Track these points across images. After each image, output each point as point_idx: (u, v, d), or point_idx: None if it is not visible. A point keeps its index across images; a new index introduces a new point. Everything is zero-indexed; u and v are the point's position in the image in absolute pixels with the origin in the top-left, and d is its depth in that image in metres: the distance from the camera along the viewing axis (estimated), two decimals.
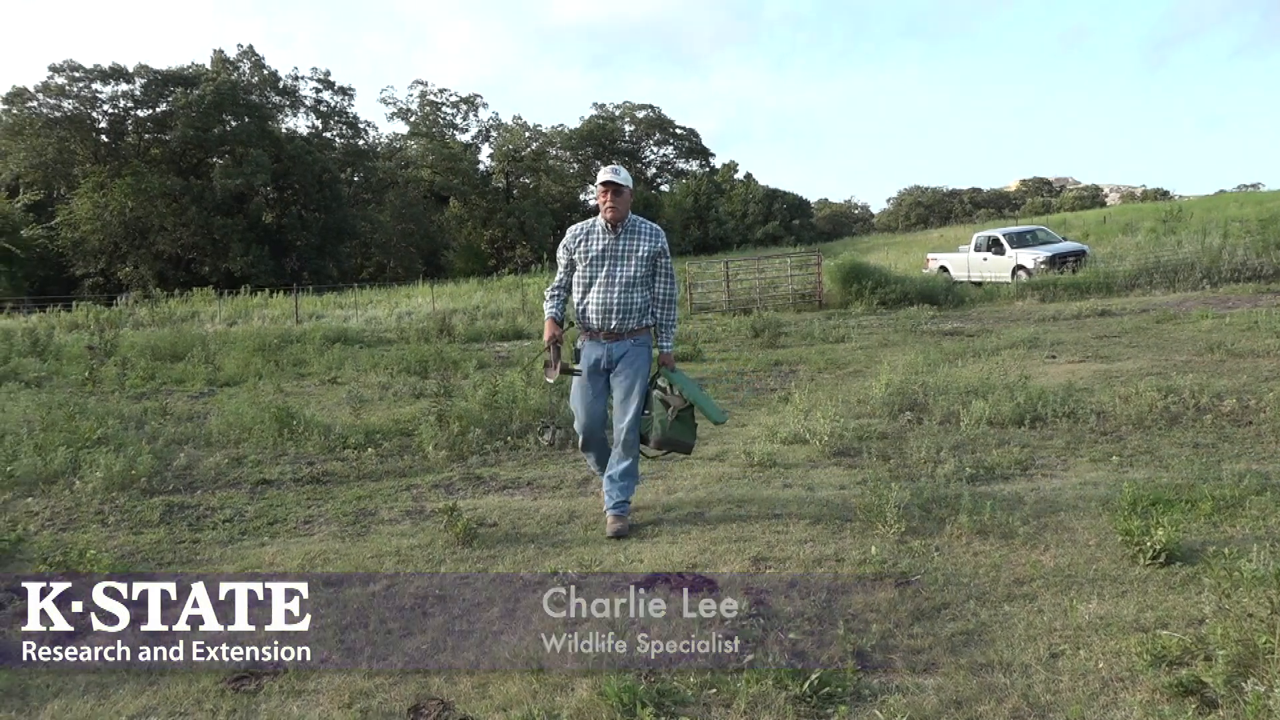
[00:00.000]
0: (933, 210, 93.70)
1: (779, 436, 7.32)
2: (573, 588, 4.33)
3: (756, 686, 3.22)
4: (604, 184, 5.06)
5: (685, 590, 4.25)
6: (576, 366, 5.32)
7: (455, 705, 3.27)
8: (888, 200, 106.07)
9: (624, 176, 5.10)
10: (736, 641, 3.64)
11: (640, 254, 5.12)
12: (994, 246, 25.57)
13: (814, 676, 3.23)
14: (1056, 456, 6.45)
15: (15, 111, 53.30)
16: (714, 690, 3.28)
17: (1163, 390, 7.84)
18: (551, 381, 5.45)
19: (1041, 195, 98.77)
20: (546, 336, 5.26)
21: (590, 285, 5.14)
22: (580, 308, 5.19)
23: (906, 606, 3.94)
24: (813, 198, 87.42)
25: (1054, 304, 19.63)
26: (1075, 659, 3.40)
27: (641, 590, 4.30)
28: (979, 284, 23.92)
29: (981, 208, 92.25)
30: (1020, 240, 25.69)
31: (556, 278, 5.34)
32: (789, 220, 70.16)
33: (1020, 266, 24.29)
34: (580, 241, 5.19)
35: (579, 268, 5.18)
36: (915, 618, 3.83)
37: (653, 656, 3.56)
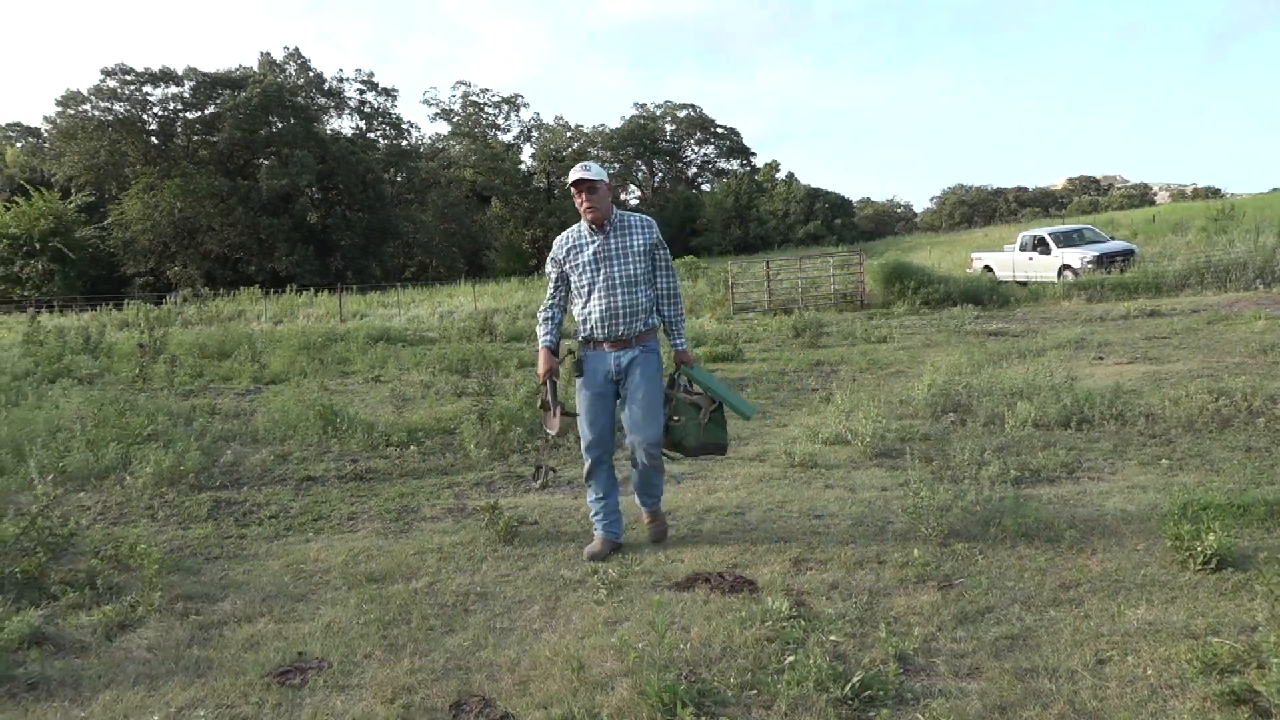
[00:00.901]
0: (977, 209, 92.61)
1: (820, 437, 7.28)
2: (613, 586, 4.35)
3: (797, 688, 3.20)
4: (575, 184, 4.69)
5: (726, 590, 4.24)
6: (572, 412, 5.06)
7: (496, 702, 3.29)
8: (931, 199, 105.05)
9: (596, 171, 4.71)
10: (777, 642, 3.63)
11: (635, 249, 4.77)
12: (1040, 246, 25.21)
13: (855, 679, 3.20)
14: (1104, 459, 6.35)
15: (69, 114, 54.42)
16: (754, 691, 3.27)
17: (1214, 392, 7.68)
18: (554, 433, 5.05)
19: (1089, 194, 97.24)
20: (541, 370, 4.88)
21: (590, 293, 4.77)
22: (582, 319, 4.83)
23: (950, 610, 3.90)
24: (855, 197, 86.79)
25: (1101, 304, 19.33)
26: (1123, 665, 3.34)
27: (682, 590, 4.30)
28: (1024, 284, 23.60)
29: (1027, 207, 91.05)
30: (1067, 239, 25.31)
31: (547, 297, 4.96)
32: (831, 220, 69.70)
33: (1066, 266, 23.93)
34: (569, 251, 4.83)
35: (573, 278, 4.84)
36: (959, 621, 3.79)
37: (693, 656, 3.55)
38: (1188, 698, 3.08)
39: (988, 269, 26.42)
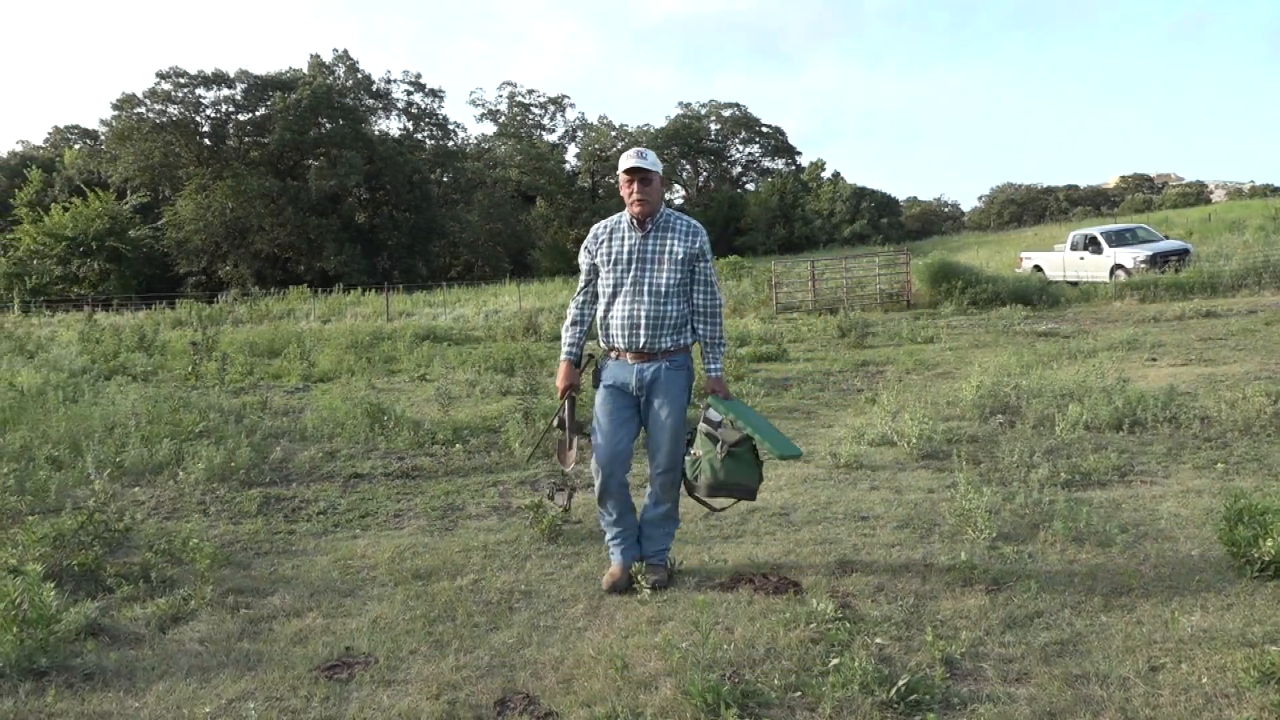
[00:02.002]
0: (1026, 208, 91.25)
1: (866, 438, 7.23)
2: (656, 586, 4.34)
3: (842, 691, 3.18)
4: (628, 171, 4.20)
5: (770, 591, 4.22)
6: (589, 432, 4.52)
7: (540, 700, 3.31)
8: (979, 198, 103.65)
9: (651, 160, 4.24)
10: (822, 644, 3.61)
11: (675, 256, 4.24)
12: (1091, 245, 24.79)
13: (901, 683, 3.17)
14: (1157, 463, 6.23)
15: (124, 116, 55.57)
16: (799, 693, 3.25)
17: (1272, 395, 7.50)
18: (569, 468, 4.58)
19: (1141, 192, 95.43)
20: (559, 384, 4.43)
21: (615, 294, 4.28)
22: (603, 322, 4.33)
23: (998, 614, 3.85)
24: (901, 196, 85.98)
25: (1155, 305, 18.96)
26: (1177, 673, 3.28)
27: (726, 590, 4.29)
28: (1075, 284, 23.22)
29: (1078, 205, 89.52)
30: (1119, 238, 24.86)
31: (577, 292, 4.47)
32: (877, 219, 69.10)
33: (1119, 266, 23.50)
34: (603, 242, 4.34)
35: (602, 273, 4.34)
36: (1007, 626, 3.74)
37: (737, 657, 3.54)
38: (1244, 707, 3.01)
39: (1037, 269, 26.03)
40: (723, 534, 5.16)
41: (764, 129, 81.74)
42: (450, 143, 69.06)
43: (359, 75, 62.87)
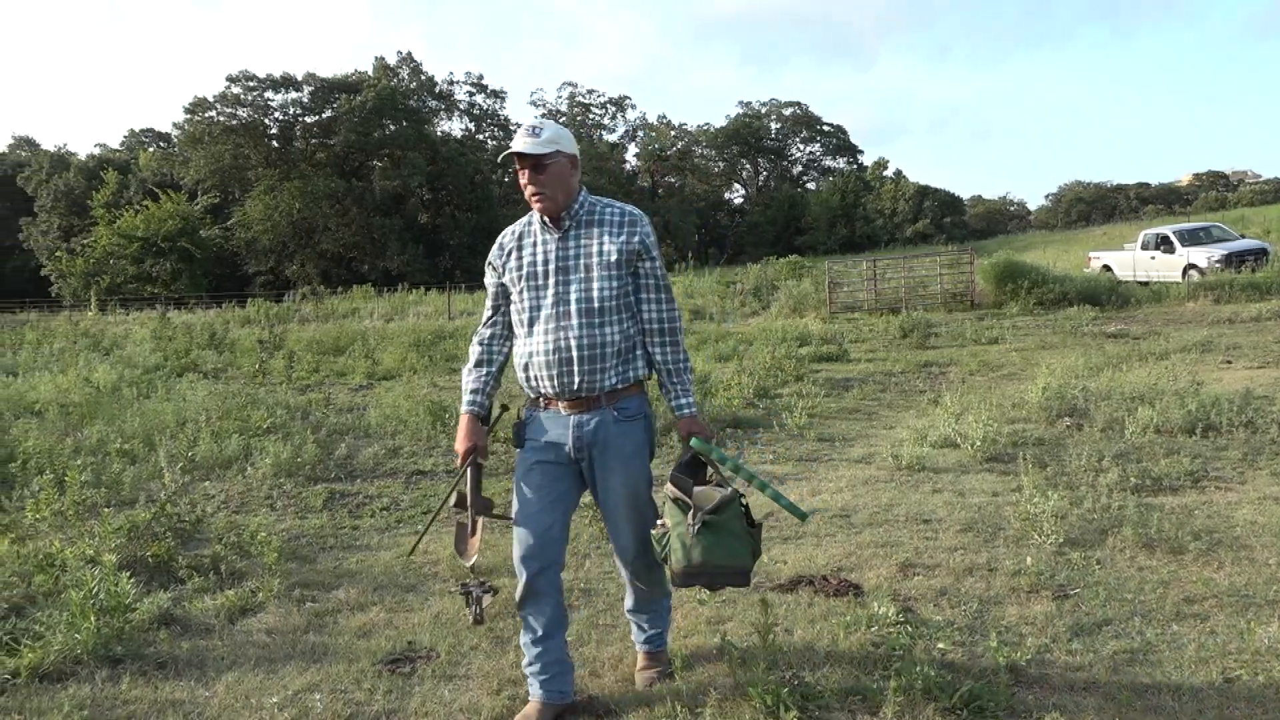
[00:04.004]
0: (1095, 206, 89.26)
1: (928, 440, 7.13)
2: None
3: (904, 696, 3.14)
4: (515, 155, 3.09)
5: (830, 593, 4.19)
6: (505, 512, 3.67)
7: (599, 697, 3.32)
8: (1046, 196, 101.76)
9: (547, 138, 3.07)
10: (883, 648, 3.57)
11: (606, 257, 3.10)
12: (1163, 244, 24.16)
13: (964, 689, 3.12)
14: (1232, 468, 6.05)
15: (196, 120, 57.01)
16: (859, 697, 3.22)
17: None
18: (468, 562, 3.53)
19: (1216, 190, 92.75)
20: (460, 446, 3.25)
21: (533, 320, 3.14)
22: (522, 362, 3.19)
23: (1064, 621, 3.77)
24: (965, 194, 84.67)
25: (1230, 305, 18.40)
26: (1252, 685, 3.18)
27: (785, 592, 4.27)
28: (1146, 284, 22.65)
29: (1149, 204, 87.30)
30: (1192, 237, 24.19)
31: (483, 322, 3.36)
32: (940, 218, 68.14)
33: (1192, 265, 22.87)
34: (511, 253, 3.23)
35: (513, 296, 3.22)
36: (1074, 633, 3.67)
37: (796, 659, 3.52)
38: None
39: (1106, 268, 25.44)
40: (782, 535, 5.13)
41: (825, 127, 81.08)
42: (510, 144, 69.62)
43: (422, 77, 63.75)
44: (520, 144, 3.06)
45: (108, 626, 3.81)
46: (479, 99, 67.00)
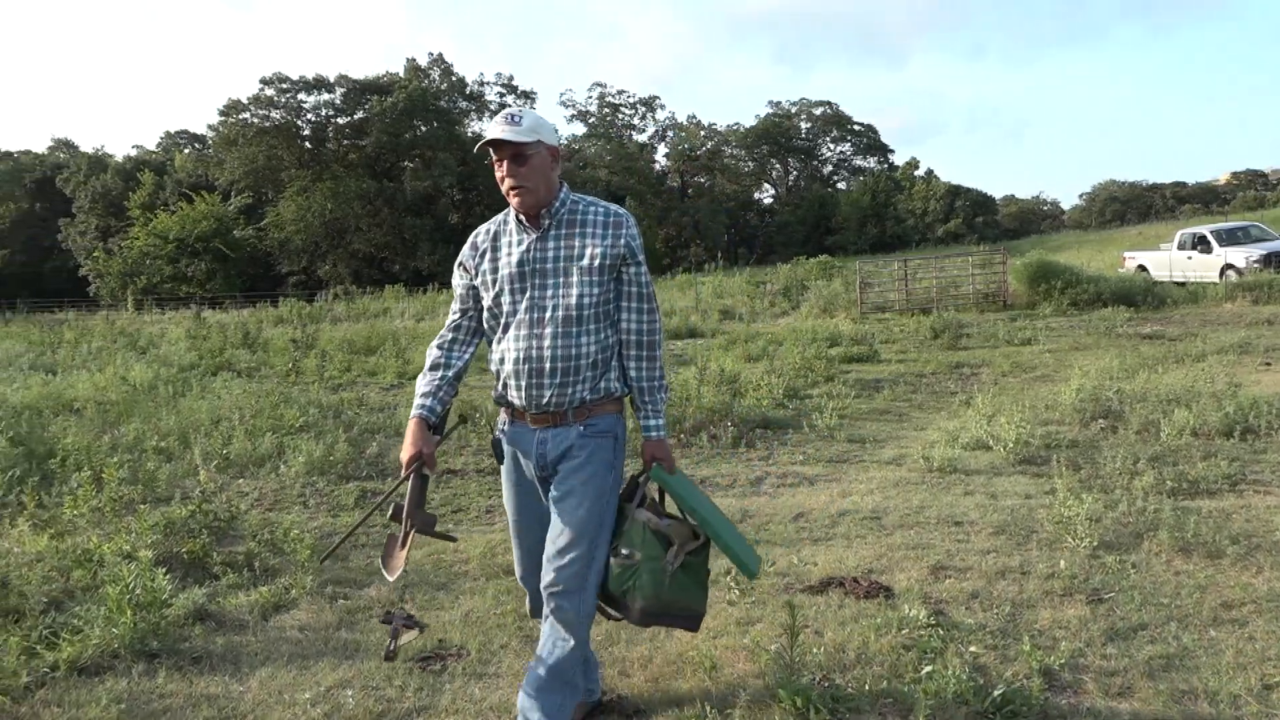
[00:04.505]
0: (1130, 206, 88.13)
1: (960, 441, 7.08)
2: (746, 588, 4.32)
3: (935, 699, 3.12)
4: (491, 145, 2.83)
5: (861, 595, 4.17)
6: (447, 532, 3.40)
7: (629, 698, 3.32)
8: (1080, 196, 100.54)
9: (528, 126, 2.81)
10: (914, 651, 3.55)
11: (589, 261, 2.86)
12: (1200, 244, 23.82)
13: (997, 693, 3.10)
14: (1271, 472, 5.95)
15: (230, 122, 57.64)
16: (890, 700, 3.20)
17: None
18: (392, 576, 2.93)
19: (1255, 189, 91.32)
20: (405, 453, 2.88)
21: (505, 327, 2.92)
22: (495, 369, 2.98)
23: (1099, 625, 3.73)
24: (998, 194, 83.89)
25: (1269, 306, 18.11)
26: None
27: (815, 593, 4.25)
28: (1182, 284, 22.34)
29: (1185, 203, 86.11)
30: (1230, 237, 23.81)
31: (447, 325, 3.10)
32: (972, 218, 67.56)
33: (1230, 265, 22.52)
34: (484, 253, 2.99)
35: (485, 299, 2.97)
36: (1109, 638, 3.63)
37: (827, 661, 3.50)
38: None
39: (1142, 268, 25.12)
40: (812, 537, 5.11)
41: (855, 127, 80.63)
42: None
43: (453, 78, 64.06)
44: (498, 131, 2.78)
45: (144, 621, 3.87)
46: (509, 100, 67.24)
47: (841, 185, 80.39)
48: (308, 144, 60.68)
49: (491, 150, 2.84)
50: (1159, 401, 7.88)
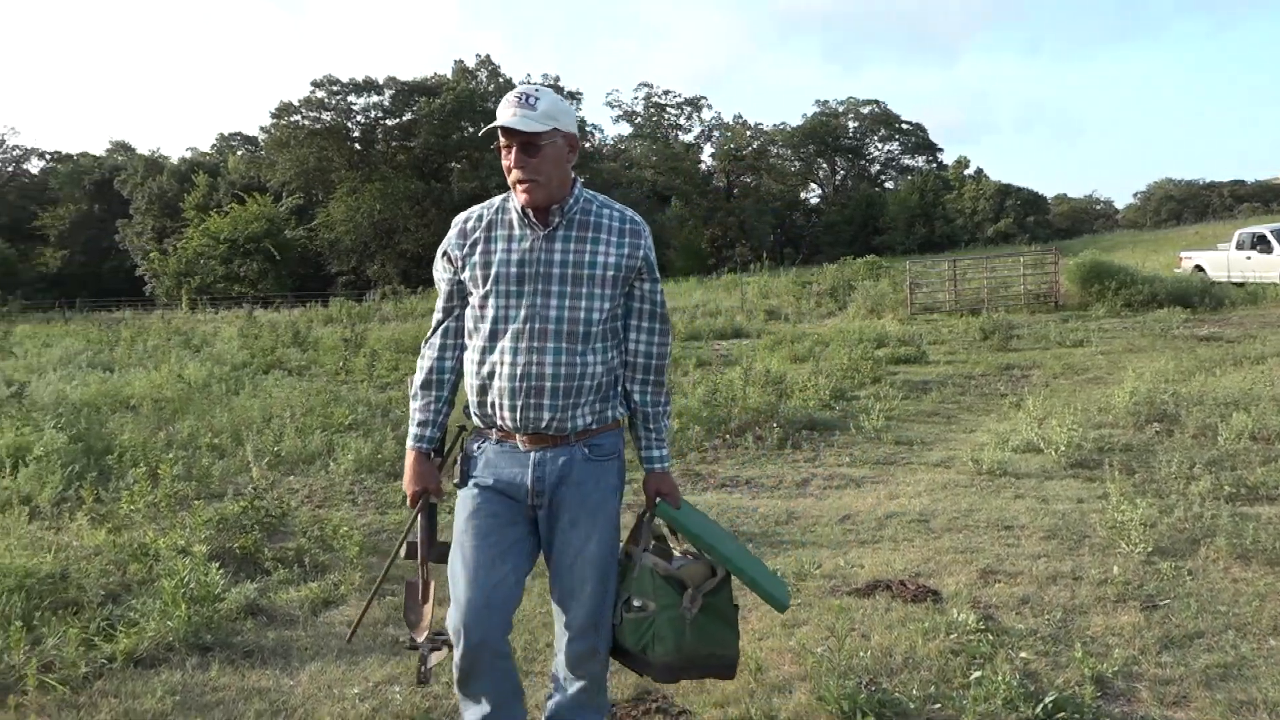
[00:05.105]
0: (1186, 205, 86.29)
1: (1010, 444, 6.98)
2: (791, 590, 4.30)
3: (984, 705, 3.08)
4: (502, 130, 2.49)
5: (908, 599, 4.13)
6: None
7: (674, 699, 3.32)
8: (1134, 195, 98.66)
9: (544, 111, 2.47)
10: (963, 656, 3.50)
11: (602, 270, 2.54)
12: (1260, 244, 23.24)
13: (1048, 700, 3.05)
14: None
15: (282, 124, 58.54)
16: (938, 705, 3.16)
17: None
18: (420, 636, 2.74)
19: None
20: (409, 487, 2.73)
21: (497, 334, 2.54)
22: (478, 383, 2.59)
23: (1153, 633, 3.66)
24: (1049, 193, 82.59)
25: None
26: None
27: (862, 596, 4.22)
28: (1241, 285, 21.84)
29: (1244, 202, 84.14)
30: None
31: (433, 329, 2.72)
32: (1022, 217, 66.60)
33: None
34: (476, 243, 2.58)
35: (474, 297, 2.58)
36: (1164, 645, 3.55)
37: (873, 664, 3.47)
38: None
39: (1199, 269, 24.59)
40: (859, 539, 5.07)
41: (904, 126, 79.89)
42: (587, 144, 70.14)
43: (500, 79, 64.49)
44: (509, 117, 2.45)
45: (198, 615, 3.94)
46: None
47: (889, 185, 79.69)
48: (357, 145, 61.43)
49: (500, 134, 2.49)
50: (1216, 405, 7.72)
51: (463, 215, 2.66)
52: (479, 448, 2.63)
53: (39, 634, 3.83)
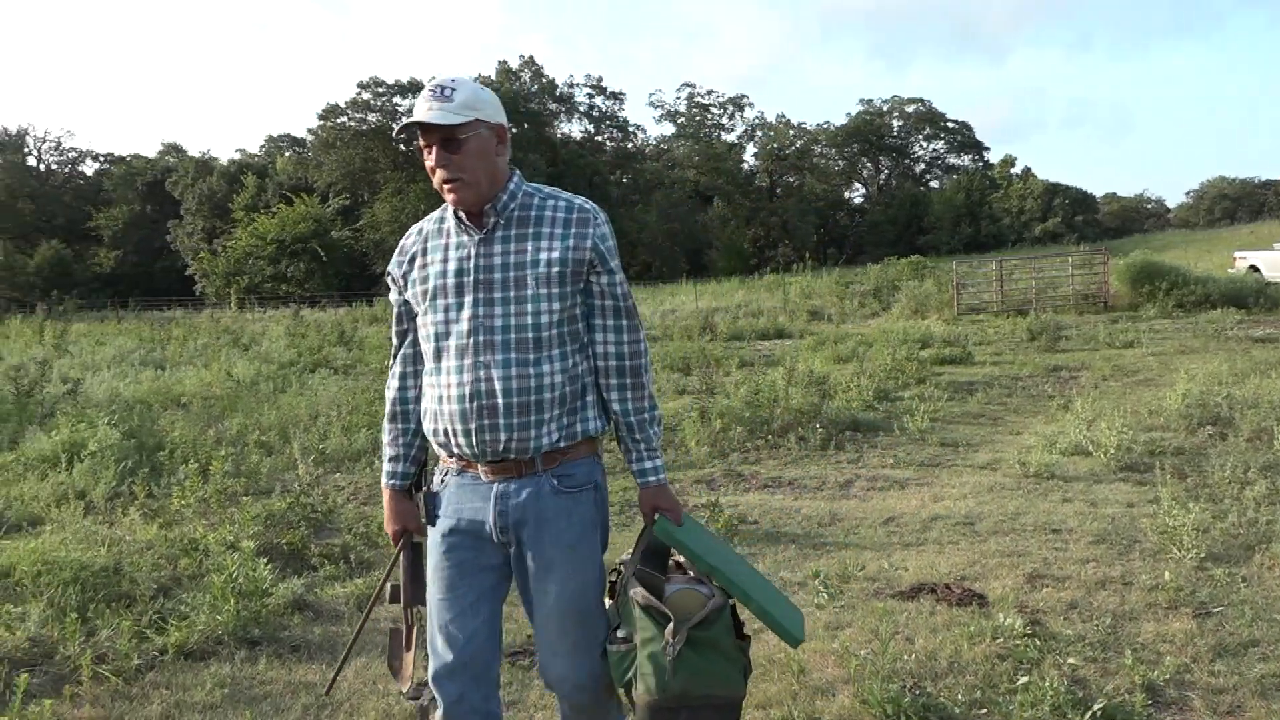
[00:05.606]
0: (1240, 204, 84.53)
1: (1058, 447, 6.87)
2: (835, 591, 4.28)
3: (1032, 711, 3.04)
4: (420, 130, 2.26)
5: (953, 602, 4.08)
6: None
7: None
8: (1186, 193, 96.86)
9: (462, 100, 2.22)
10: (1009, 661, 3.46)
11: (545, 268, 2.26)
12: None
13: (1097, 707, 3.00)
14: None
15: (329, 125, 59.31)
16: (984, 711, 3.13)
17: None
18: (405, 688, 2.55)
19: None
20: (390, 526, 2.53)
21: (440, 353, 2.30)
22: (431, 409, 2.33)
23: (1206, 640, 3.59)
24: (1098, 192, 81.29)
25: None
26: None
27: (906, 599, 4.18)
28: None
29: None
30: None
31: (392, 354, 2.51)
32: (1071, 216, 65.62)
33: None
34: (414, 257, 2.39)
35: (420, 318, 2.36)
36: (1217, 653, 3.48)
37: (918, 668, 3.44)
38: None
39: (1254, 269, 24.07)
40: (903, 541, 5.03)
41: (949, 124, 79.05)
42: (630, 144, 70.24)
43: (543, 80, 64.83)
44: (425, 111, 2.20)
45: (246, 609, 4.01)
46: (598, 101, 67.79)
47: (934, 184, 78.91)
48: (402, 146, 61.99)
49: (420, 134, 2.27)
50: (1272, 408, 7.54)
51: (408, 232, 2.47)
52: (442, 481, 2.37)
53: (93, 626, 3.92)
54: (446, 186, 2.25)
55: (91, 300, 49.82)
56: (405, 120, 2.21)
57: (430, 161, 2.25)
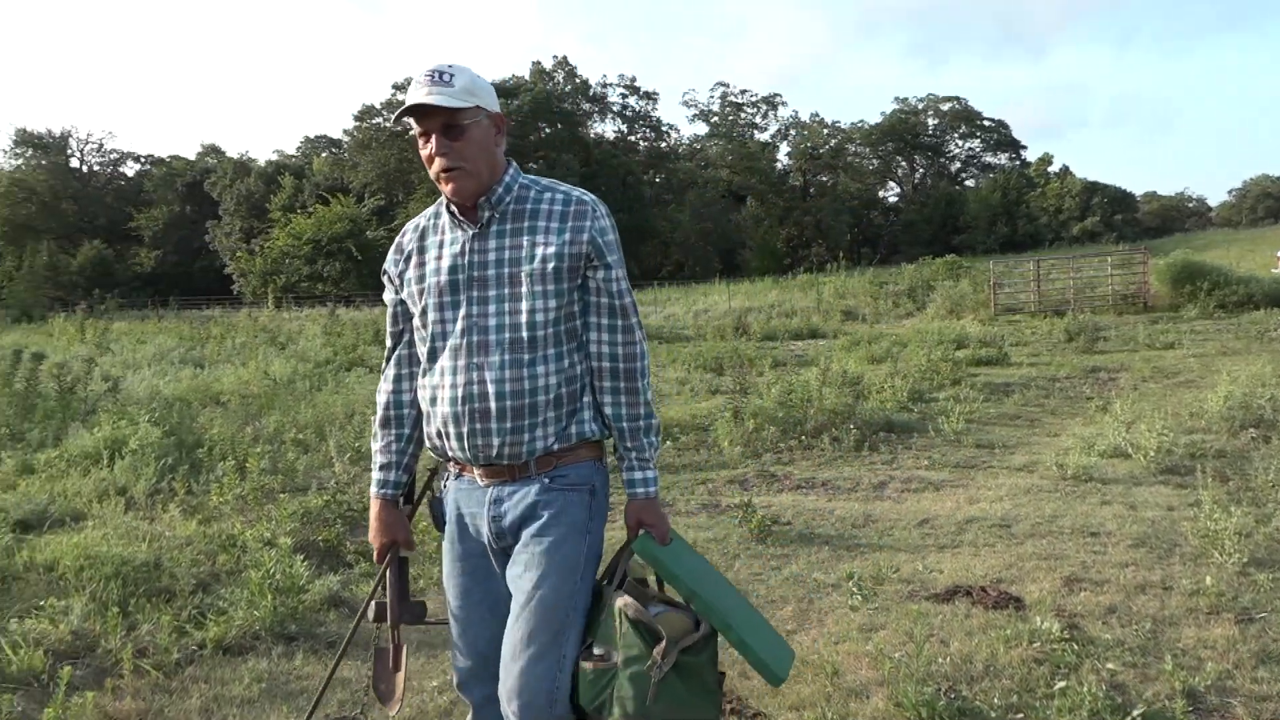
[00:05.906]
0: None
1: (1096, 449, 6.79)
2: (869, 593, 4.25)
3: (1069, 716, 3.00)
4: (415, 116, 2.16)
5: (989, 606, 4.05)
6: (444, 619, 2.45)
7: (749, 701, 3.30)
8: (1229, 192, 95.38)
9: (462, 85, 2.14)
10: (1046, 665, 3.42)
11: (540, 264, 2.15)
12: None
13: (1137, 712, 2.96)
14: None
15: (364, 127, 59.87)
16: (1020, 715, 3.09)
17: None
18: (394, 712, 2.45)
19: None
20: (375, 540, 2.43)
21: (435, 354, 2.22)
22: (426, 412, 2.27)
23: (1249, 646, 3.52)
24: (1138, 190, 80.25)
25: None
26: None
27: (941, 602, 4.15)
28: None
29: None
30: None
31: (386, 355, 2.41)
32: (1110, 215, 64.81)
33: None
34: (410, 254, 2.31)
35: (415, 318, 2.27)
36: (1260, 660, 3.42)
37: (953, 672, 3.41)
38: None
39: None
40: (938, 543, 4.99)
41: (986, 122, 78.35)
42: (663, 144, 70.28)
43: (577, 80, 65.03)
44: (424, 94, 2.10)
45: (283, 605, 4.05)
46: (631, 101, 67.88)
47: (970, 183, 78.24)
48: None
49: (414, 121, 2.15)
50: None
51: (403, 229, 2.37)
52: (444, 486, 2.34)
53: (134, 620, 3.98)
54: (445, 176, 2.15)
55: (132, 299, 50.61)
56: (407, 103, 2.10)
57: (428, 150, 2.15)
